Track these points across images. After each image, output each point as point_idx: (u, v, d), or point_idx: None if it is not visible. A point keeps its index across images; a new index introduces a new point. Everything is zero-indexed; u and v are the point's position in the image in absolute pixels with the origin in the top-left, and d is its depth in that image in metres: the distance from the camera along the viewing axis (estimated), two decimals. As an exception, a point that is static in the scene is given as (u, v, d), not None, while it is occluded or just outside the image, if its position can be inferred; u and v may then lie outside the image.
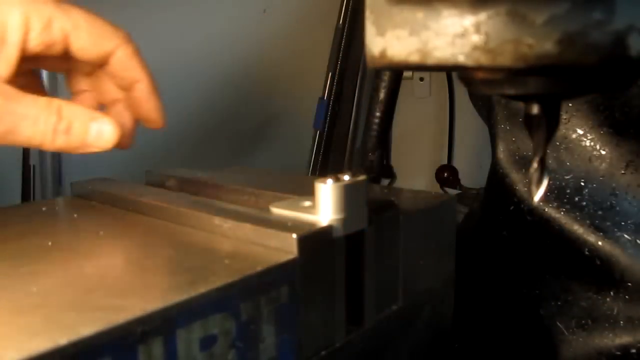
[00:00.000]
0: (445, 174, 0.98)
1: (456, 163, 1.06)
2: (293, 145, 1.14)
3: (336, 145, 1.09)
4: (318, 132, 1.08)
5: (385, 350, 0.33)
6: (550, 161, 0.49)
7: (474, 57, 0.24)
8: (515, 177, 0.51)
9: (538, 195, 0.28)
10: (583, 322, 0.47)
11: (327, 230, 0.27)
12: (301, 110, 1.12)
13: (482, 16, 0.23)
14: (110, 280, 0.24)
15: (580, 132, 0.48)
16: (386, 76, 0.63)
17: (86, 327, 0.19)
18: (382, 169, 1.08)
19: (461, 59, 0.24)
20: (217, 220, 0.29)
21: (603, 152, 0.47)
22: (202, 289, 0.22)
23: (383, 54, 0.26)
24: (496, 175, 0.54)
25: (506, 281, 0.51)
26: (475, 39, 0.23)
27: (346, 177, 0.28)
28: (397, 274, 0.33)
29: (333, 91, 1.07)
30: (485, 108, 0.56)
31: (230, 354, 0.23)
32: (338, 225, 0.28)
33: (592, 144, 0.47)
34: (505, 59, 0.23)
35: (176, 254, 0.27)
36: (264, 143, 1.26)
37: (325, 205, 0.28)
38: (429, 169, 1.07)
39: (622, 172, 0.46)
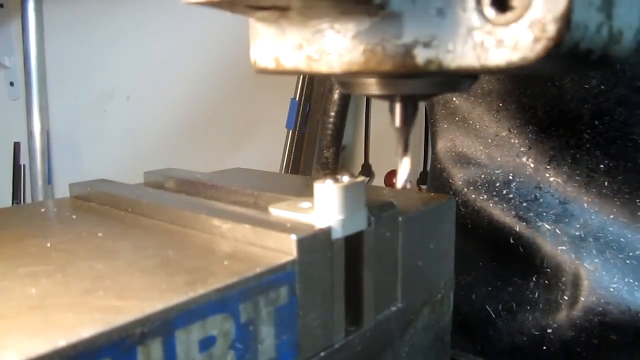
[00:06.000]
0: (394, 180, 1.01)
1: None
2: (270, 144, 1.18)
3: (307, 143, 1.12)
4: (290, 132, 1.13)
5: (385, 351, 0.33)
6: (482, 157, 0.53)
7: (308, 65, 0.29)
8: (451, 171, 0.55)
9: (401, 181, 0.32)
10: (508, 305, 0.51)
11: (326, 232, 0.27)
12: (277, 111, 1.15)
13: (309, 32, 0.29)
14: (109, 281, 0.24)
15: (509, 129, 0.51)
16: (339, 78, 0.67)
17: (85, 329, 0.19)
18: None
19: (302, 67, 0.29)
20: (216, 222, 0.29)
21: (529, 149, 0.50)
22: (201, 290, 0.22)
23: (255, 61, 0.32)
24: (435, 170, 0.57)
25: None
26: (308, 50, 0.29)
27: (345, 178, 0.28)
28: (396, 274, 0.33)
29: (304, 92, 1.11)
30: (428, 106, 0.60)
31: (230, 355, 0.23)
32: (337, 227, 0.28)
33: (519, 140, 0.51)
34: (327, 67, 0.29)
35: (175, 255, 0.27)
36: (243, 143, 1.28)
37: (324, 206, 0.28)
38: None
39: (547, 167, 0.49)
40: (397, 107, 0.31)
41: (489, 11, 0.25)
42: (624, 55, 0.28)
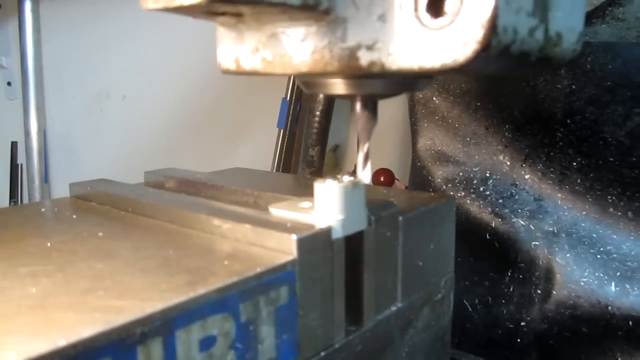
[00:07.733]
0: (382, 178, 1.02)
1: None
2: (262, 143, 1.20)
3: (298, 143, 1.13)
4: (281, 131, 1.13)
5: (385, 351, 0.33)
6: (461, 155, 0.55)
7: (264, 66, 0.31)
8: (430, 168, 0.57)
9: (366, 177, 0.33)
10: (484, 299, 0.53)
11: (326, 231, 0.27)
12: (269, 110, 1.16)
13: (265, 36, 0.31)
14: (109, 281, 0.24)
15: (486, 128, 0.53)
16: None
17: (85, 328, 0.19)
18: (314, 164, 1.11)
19: (258, 68, 0.32)
20: (216, 221, 0.29)
21: (506, 147, 0.52)
22: (201, 289, 0.22)
23: (220, 62, 0.34)
24: (415, 167, 0.59)
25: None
26: (263, 53, 0.31)
27: (345, 178, 0.28)
28: (396, 274, 0.33)
29: (295, 91, 1.11)
30: (409, 106, 0.61)
31: (230, 355, 0.23)
32: (337, 226, 0.28)
33: (496, 139, 0.52)
34: (281, 68, 0.30)
35: (175, 255, 0.27)
36: (235, 143, 1.29)
37: (324, 206, 0.28)
38: (398, 166, 1.09)
39: (522, 164, 0.51)
40: (357, 107, 0.33)
41: (425, 17, 0.27)
42: (568, 56, 0.30)
